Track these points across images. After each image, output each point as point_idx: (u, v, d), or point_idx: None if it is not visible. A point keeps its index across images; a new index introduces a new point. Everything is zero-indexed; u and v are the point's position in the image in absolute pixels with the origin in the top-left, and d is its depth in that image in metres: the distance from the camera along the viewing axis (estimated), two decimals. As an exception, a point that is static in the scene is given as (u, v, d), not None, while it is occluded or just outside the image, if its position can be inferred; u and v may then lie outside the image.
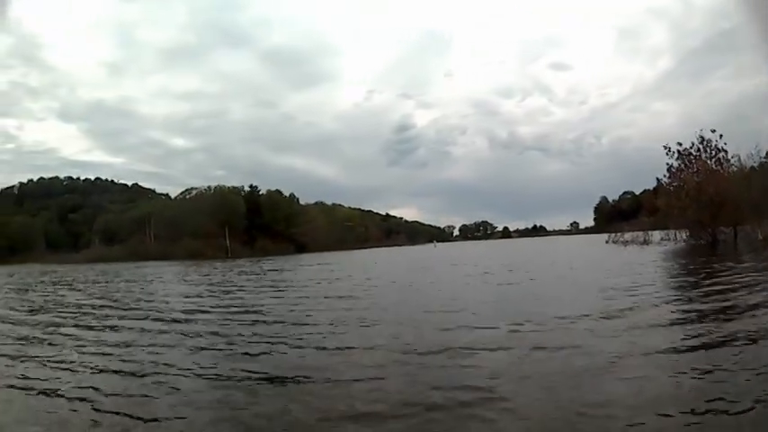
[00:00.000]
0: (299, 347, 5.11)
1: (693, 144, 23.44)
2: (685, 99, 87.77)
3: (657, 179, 26.22)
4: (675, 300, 6.93)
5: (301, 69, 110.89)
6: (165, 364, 4.54)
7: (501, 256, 24.11)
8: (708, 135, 23.04)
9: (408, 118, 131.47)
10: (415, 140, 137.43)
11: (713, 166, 22.99)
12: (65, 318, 8.18)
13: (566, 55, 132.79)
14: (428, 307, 7.58)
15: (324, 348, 5.00)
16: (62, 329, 6.89)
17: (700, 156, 23.32)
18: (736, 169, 22.63)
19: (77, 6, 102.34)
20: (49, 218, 64.89)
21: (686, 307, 6.27)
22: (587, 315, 5.88)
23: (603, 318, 5.72)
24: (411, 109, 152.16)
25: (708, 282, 8.69)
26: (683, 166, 23.93)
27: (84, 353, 5.23)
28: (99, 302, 10.47)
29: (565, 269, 14.23)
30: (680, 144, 23.91)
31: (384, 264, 24.14)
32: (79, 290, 14.30)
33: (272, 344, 5.29)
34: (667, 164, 24.37)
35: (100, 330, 6.81)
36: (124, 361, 4.82)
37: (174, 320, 7.36)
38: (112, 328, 7.00)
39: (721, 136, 22.79)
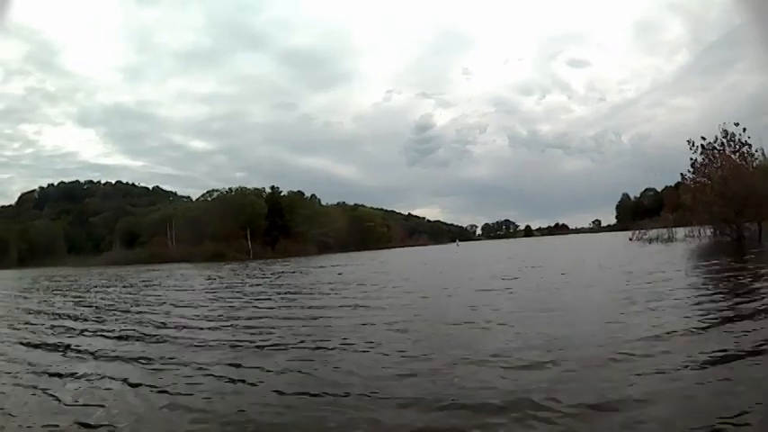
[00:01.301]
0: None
1: (717, 138, 22.97)
2: (705, 93, 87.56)
3: (681, 174, 25.43)
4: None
5: (320, 70, 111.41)
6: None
7: (536, 257, 23.68)
8: (731, 129, 22.62)
9: (428, 117, 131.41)
10: (435, 140, 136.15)
11: (737, 160, 22.51)
12: (27, 328, 7.76)
13: (584, 51, 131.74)
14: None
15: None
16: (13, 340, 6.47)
17: (724, 150, 22.86)
18: (759, 163, 22.28)
19: (93, 12, 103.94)
20: (69, 221, 65.29)
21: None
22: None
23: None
24: (430, 108, 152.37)
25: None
26: (707, 160, 23.41)
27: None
28: (80, 311, 9.96)
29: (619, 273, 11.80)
30: (703, 138, 23.39)
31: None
32: (74, 296, 13.76)
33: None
34: (691, 158, 23.78)
35: (44, 350, 5.97)
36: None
37: (147, 335, 6.58)
38: (67, 345, 6.10)
39: (745, 129, 22.38)
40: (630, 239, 30.13)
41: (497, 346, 4.75)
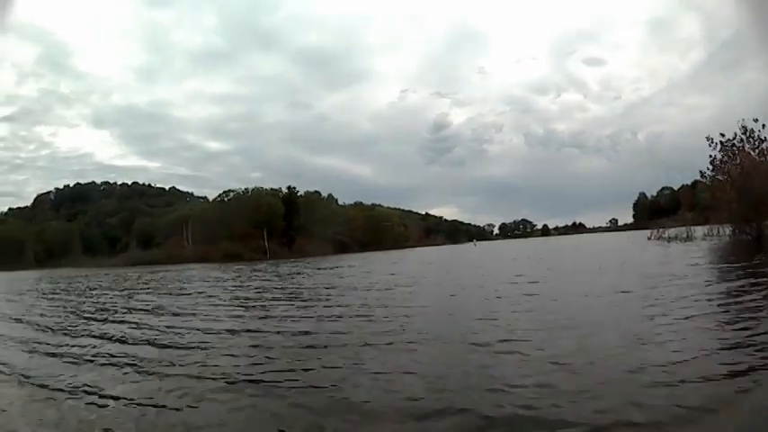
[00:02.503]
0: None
1: (736, 135, 22.55)
2: (720, 91, 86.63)
3: (701, 172, 24.99)
4: None
5: (334, 70, 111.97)
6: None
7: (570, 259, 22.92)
8: (750, 125, 22.06)
9: (444, 117, 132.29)
10: (451, 139, 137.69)
11: (757, 157, 22.00)
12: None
13: (599, 49, 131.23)
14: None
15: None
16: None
17: (743, 147, 22.42)
18: None
19: (106, 13, 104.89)
20: (86, 222, 65.51)
21: None
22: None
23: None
24: (446, 107, 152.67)
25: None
26: (726, 158, 22.98)
27: None
28: (62, 315, 9.38)
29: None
30: (722, 135, 23.00)
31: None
32: (65, 300, 13.29)
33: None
34: (710, 156, 23.37)
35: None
36: None
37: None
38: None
39: (764, 126, 21.84)
40: (649, 238, 29.61)
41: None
